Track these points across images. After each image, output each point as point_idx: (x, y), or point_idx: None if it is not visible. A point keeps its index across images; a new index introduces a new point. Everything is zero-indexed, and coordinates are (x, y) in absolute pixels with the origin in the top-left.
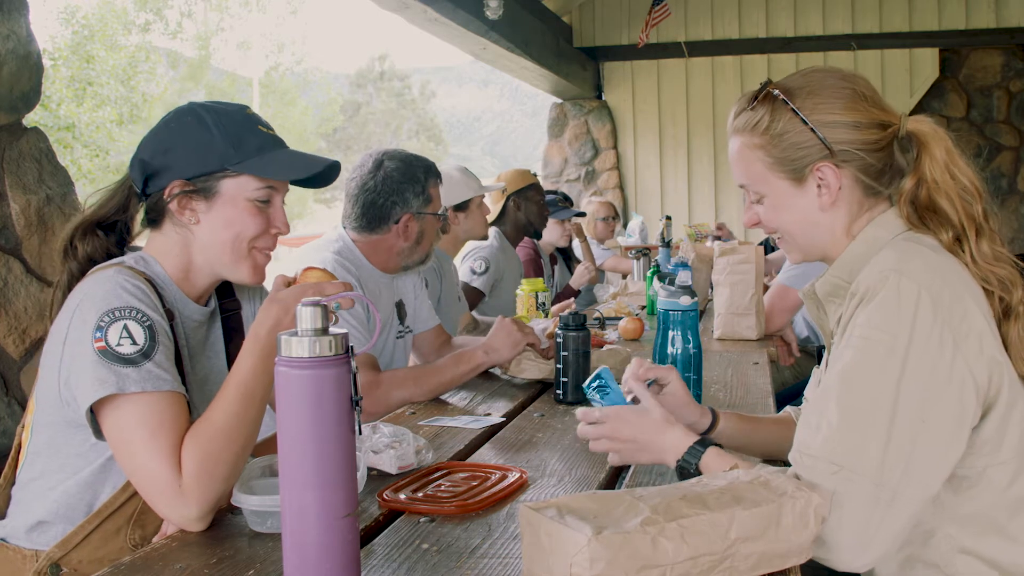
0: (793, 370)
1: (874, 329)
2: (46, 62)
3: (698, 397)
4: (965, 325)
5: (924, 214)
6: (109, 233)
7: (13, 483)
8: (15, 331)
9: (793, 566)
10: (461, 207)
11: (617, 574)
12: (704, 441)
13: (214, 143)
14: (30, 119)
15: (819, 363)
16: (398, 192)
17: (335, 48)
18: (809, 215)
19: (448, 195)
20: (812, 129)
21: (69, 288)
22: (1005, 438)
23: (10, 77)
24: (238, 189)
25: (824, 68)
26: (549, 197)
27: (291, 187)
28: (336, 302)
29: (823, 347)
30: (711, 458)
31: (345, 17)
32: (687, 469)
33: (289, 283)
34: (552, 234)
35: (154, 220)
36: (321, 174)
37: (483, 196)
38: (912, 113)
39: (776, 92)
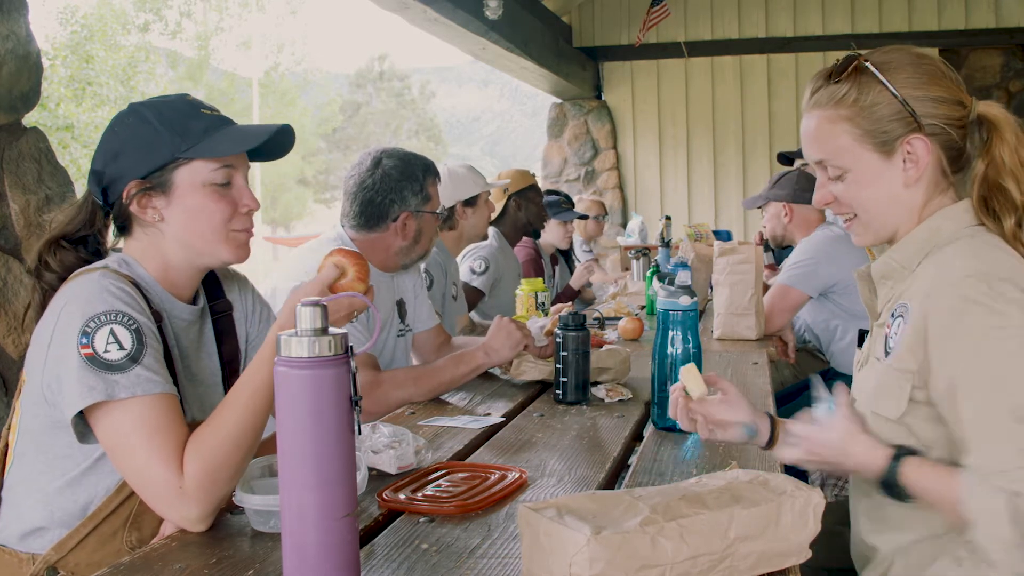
0: (793, 370)
1: (995, 329)
2: (45, 62)
3: None
4: None
5: (991, 195)
6: (80, 247)
7: (1, 486)
8: (14, 331)
9: (792, 565)
10: (470, 202)
11: (616, 574)
12: (898, 454)
13: (159, 136)
14: (29, 119)
15: (859, 346)
16: (396, 190)
17: (335, 48)
18: (893, 191)
19: (457, 190)
20: (903, 102)
21: (44, 303)
22: None
23: (9, 77)
24: (192, 176)
25: (900, 47)
26: (552, 198)
27: (289, 187)
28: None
29: (865, 330)
30: (912, 471)
31: (345, 17)
32: (892, 489)
33: (337, 278)
34: (554, 235)
35: (123, 227)
36: (277, 145)
37: (489, 193)
38: None
39: (867, 64)
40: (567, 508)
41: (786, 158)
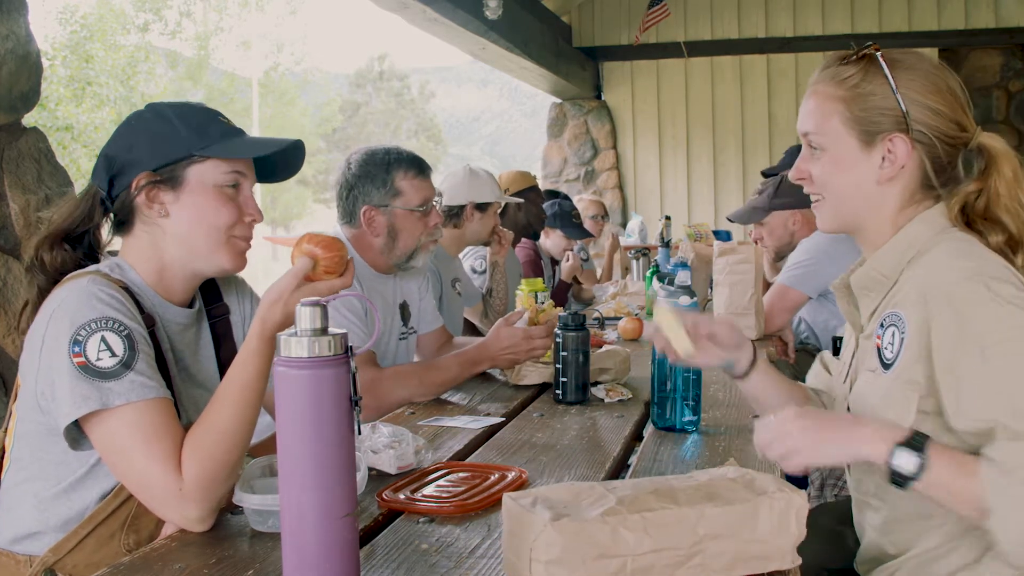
0: (793, 369)
1: (1003, 325)
2: (44, 62)
3: (697, 397)
4: None
5: (975, 219)
6: (76, 246)
7: None
8: (14, 331)
9: (779, 569)
10: (481, 207)
11: (573, 560)
12: (918, 439)
13: (177, 132)
14: (29, 119)
15: (836, 354)
16: (358, 186)
17: (334, 48)
18: (864, 184)
19: (472, 190)
20: (899, 100)
21: (39, 302)
22: None
23: (9, 77)
24: (204, 175)
25: (923, 55)
26: (564, 207)
27: (288, 186)
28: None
29: (839, 337)
30: (936, 446)
31: (345, 17)
32: (906, 467)
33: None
34: (557, 246)
35: (123, 222)
36: (287, 162)
37: (500, 206)
38: None
39: (877, 53)
40: (543, 497)
41: (772, 175)
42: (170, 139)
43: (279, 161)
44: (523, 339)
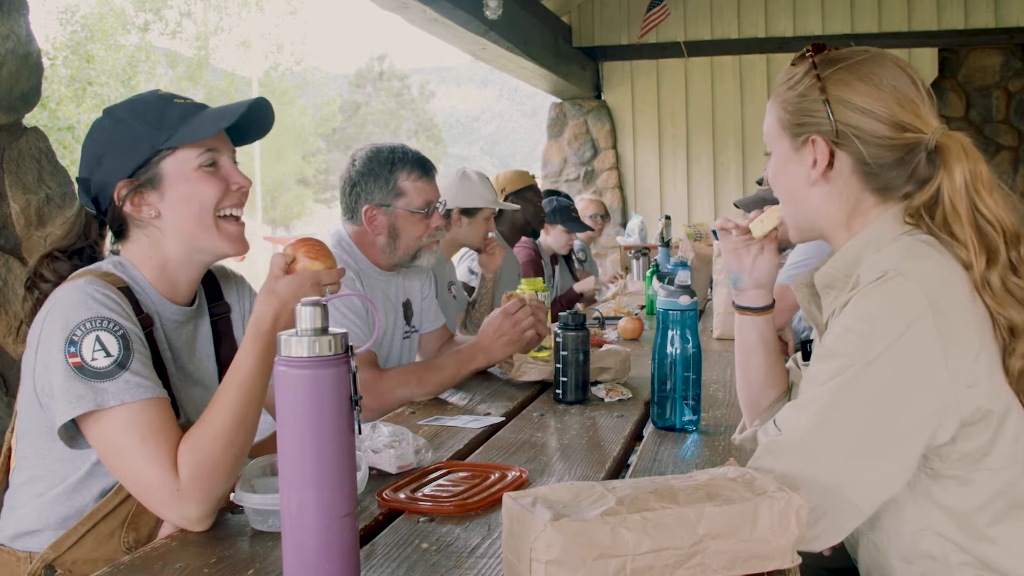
0: None
1: (860, 321)
2: (45, 62)
3: (697, 397)
4: (960, 341)
5: (938, 230)
6: (75, 257)
7: (7, 487)
8: (14, 331)
9: (778, 569)
10: (468, 212)
11: (573, 560)
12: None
13: (136, 133)
14: (30, 119)
15: (806, 359)
16: (361, 183)
17: (334, 48)
18: (798, 187)
19: (459, 195)
20: (825, 101)
21: (35, 312)
22: (993, 450)
23: (10, 77)
24: (179, 165)
25: (887, 55)
26: (562, 203)
27: (289, 186)
28: (329, 289)
29: (810, 341)
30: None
31: (344, 17)
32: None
33: (288, 264)
34: (557, 241)
35: (120, 231)
36: (257, 122)
37: (494, 211)
38: None
39: (808, 53)
40: (543, 497)
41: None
42: (131, 142)
43: (250, 123)
44: (504, 318)
